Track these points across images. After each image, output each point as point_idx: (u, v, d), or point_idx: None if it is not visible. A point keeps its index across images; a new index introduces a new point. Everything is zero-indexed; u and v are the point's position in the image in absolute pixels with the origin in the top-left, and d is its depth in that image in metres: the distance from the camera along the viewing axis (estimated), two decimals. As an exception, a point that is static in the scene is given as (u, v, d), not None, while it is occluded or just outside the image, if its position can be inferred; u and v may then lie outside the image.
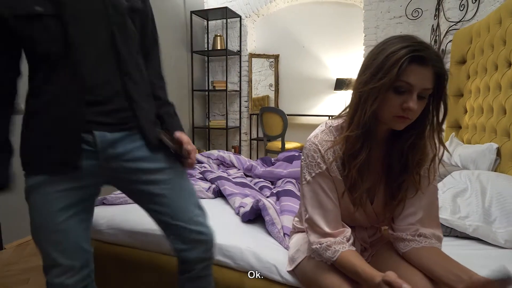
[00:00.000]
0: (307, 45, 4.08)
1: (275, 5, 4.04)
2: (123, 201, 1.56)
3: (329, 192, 0.86)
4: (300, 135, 4.13)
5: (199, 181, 1.81)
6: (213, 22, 4.34)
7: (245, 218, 1.31)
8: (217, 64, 4.40)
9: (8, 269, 1.88)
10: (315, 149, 0.87)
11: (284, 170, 1.85)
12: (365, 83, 0.77)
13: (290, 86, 4.25)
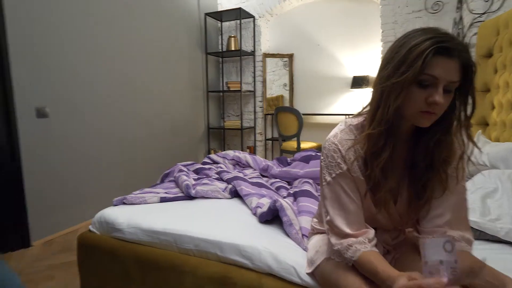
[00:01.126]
0: (322, 43, 4.04)
1: (288, 4, 4.02)
2: (142, 200, 1.60)
3: (350, 193, 0.84)
4: (316, 134, 4.10)
5: (215, 181, 1.82)
6: (227, 23, 4.36)
7: (262, 218, 1.30)
8: (231, 65, 4.42)
9: (35, 265, 1.95)
10: (334, 149, 0.85)
11: (301, 170, 1.83)
12: (387, 77, 0.74)
13: (305, 85, 4.22)
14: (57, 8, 2.30)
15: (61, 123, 2.37)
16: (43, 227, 2.29)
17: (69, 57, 2.41)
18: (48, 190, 2.31)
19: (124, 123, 2.93)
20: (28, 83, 2.15)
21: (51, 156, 2.32)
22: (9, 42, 2.03)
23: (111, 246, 1.41)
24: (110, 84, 2.76)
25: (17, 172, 2.11)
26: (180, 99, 3.69)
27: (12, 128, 2.07)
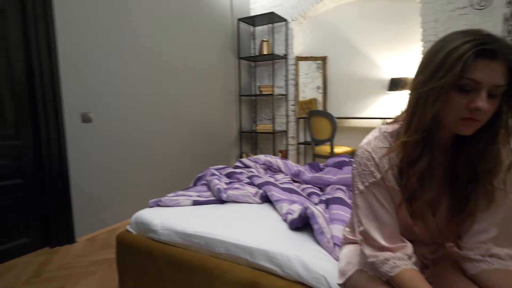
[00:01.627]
0: (357, 45, 3.93)
1: (322, 6, 3.97)
2: (176, 203, 1.65)
3: (385, 203, 0.81)
4: (350, 139, 3.99)
5: (246, 185, 1.83)
6: (259, 28, 4.40)
7: (292, 225, 1.29)
8: (264, 69, 4.45)
9: (79, 260, 2.08)
10: (368, 156, 0.82)
11: (334, 177, 1.79)
12: (423, 83, 0.71)
13: (339, 88, 4.13)
14: (100, 24, 2.45)
15: (103, 128, 2.52)
16: (86, 225, 2.44)
17: (111, 66, 2.56)
18: (91, 190, 2.46)
19: (161, 127, 3.05)
20: (75, 90, 2.31)
21: (94, 158, 2.47)
22: (59, 55, 2.20)
23: (147, 246, 1.47)
24: (148, 90, 2.90)
25: (64, 173, 2.28)
26: (213, 104, 3.77)
27: (61, 132, 2.24)
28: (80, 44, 2.33)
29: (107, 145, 2.56)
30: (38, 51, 2.12)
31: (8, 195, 2.09)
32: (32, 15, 2.09)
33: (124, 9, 2.63)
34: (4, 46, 2.04)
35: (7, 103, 2.07)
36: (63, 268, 1.99)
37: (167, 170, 3.15)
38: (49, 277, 1.88)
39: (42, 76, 2.15)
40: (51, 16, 2.14)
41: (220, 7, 3.77)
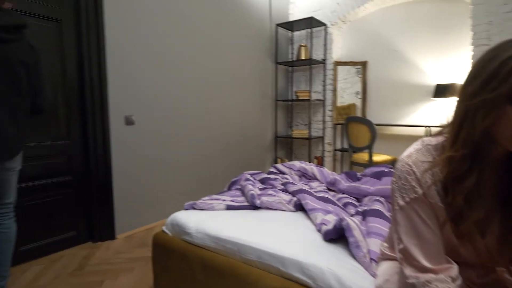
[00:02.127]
0: (400, 49, 3.76)
1: (363, 10, 3.85)
2: (210, 207, 1.67)
3: (427, 221, 0.75)
4: (391, 147, 3.81)
5: (280, 192, 1.81)
6: (297, 33, 4.37)
7: (327, 236, 1.25)
8: (301, 74, 4.40)
9: (118, 257, 2.18)
10: (408, 170, 0.77)
11: (372, 187, 1.71)
12: (473, 94, 0.65)
13: (380, 93, 3.97)
14: (144, 33, 2.59)
15: (144, 130, 2.64)
16: (126, 223, 2.56)
17: (153, 72, 2.68)
18: (131, 190, 2.59)
19: (198, 131, 3.14)
20: (120, 95, 2.45)
21: (135, 159, 2.59)
22: (107, 62, 2.35)
23: (181, 248, 1.50)
24: (187, 95, 2.99)
25: (108, 173, 2.41)
26: (249, 108, 3.80)
27: (106, 134, 2.38)
28: (125, 52, 2.47)
29: (147, 147, 2.68)
30: (89, 58, 2.28)
31: (58, 190, 2.26)
32: (85, 25, 2.25)
33: (166, 18, 2.75)
34: (60, 54, 2.22)
35: (60, 107, 2.25)
36: (103, 263, 2.10)
37: (202, 173, 3.22)
38: (91, 271, 2.00)
39: (92, 81, 2.30)
40: (102, 26, 2.30)
41: (259, 12, 3.81)
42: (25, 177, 2.06)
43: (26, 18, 2.00)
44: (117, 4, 2.38)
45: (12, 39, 1.41)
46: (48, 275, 1.94)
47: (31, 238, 2.13)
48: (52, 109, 2.20)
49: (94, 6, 2.26)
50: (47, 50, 2.15)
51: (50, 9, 2.14)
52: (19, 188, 2.04)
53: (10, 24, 1.39)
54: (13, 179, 1.59)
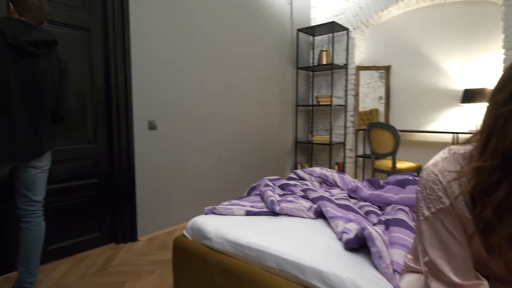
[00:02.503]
0: (425, 53, 3.66)
1: (387, 13, 3.78)
2: (229, 212, 1.68)
3: (454, 233, 0.72)
4: (415, 154, 3.69)
5: (300, 199, 1.79)
6: (319, 37, 4.35)
7: (348, 245, 1.22)
8: (322, 79, 4.37)
9: (140, 259, 2.23)
10: (434, 179, 0.74)
11: (395, 196, 1.66)
12: (504, 102, 0.62)
13: (404, 98, 3.86)
14: (167, 41, 2.66)
15: (166, 135, 2.70)
16: (148, 225, 2.62)
17: (175, 79, 2.74)
18: (153, 193, 2.64)
19: (218, 136, 3.17)
20: (143, 100, 2.53)
21: (157, 163, 2.65)
22: (132, 68, 2.43)
23: (201, 253, 1.51)
24: (207, 100, 3.04)
25: (131, 176, 2.48)
26: (270, 113, 3.80)
27: (130, 138, 2.46)
28: (149, 58, 2.54)
29: (169, 152, 2.73)
30: (115, 65, 2.37)
31: (85, 192, 2.35)
32: (113, 34, 2.34)
33: (188, 26, 2.82)
34: (89, 61, 2.32)
35: (88, 111, 2.34)
36: (126, 264, 2.15)
37: (222, 178, 3.24)
38: (114, 271, 2.05)
39: (118, 87, 2.39)
40: (128, 34, 2.38)
41: (280, 18, 3.82)
42: (54, 179, 2.16)
43: (59, 27, 2.12)
44: (142, 14, 2.46)
45: (41, 54, 1.55)
46: (74, 274, 2.01)
47: (59, 238, 2.22)
48: (80, 114, 2.30)
49: (121, 15, 2.35)
50: (77, 57, 2.25)
51: (81, 20, 2.24)
52: (49, 189, 2.14)
53: (40, 40, 1.53)
54: (41, 178, 1.70)
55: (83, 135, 2.33)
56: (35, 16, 1.56)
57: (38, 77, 1.56)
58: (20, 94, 1.51)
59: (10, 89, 1.47)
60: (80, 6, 2.24)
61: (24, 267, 1.65)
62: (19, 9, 1.53)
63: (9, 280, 1.90)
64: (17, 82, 1.49)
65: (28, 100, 1.54)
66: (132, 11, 2.40)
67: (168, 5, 2.64)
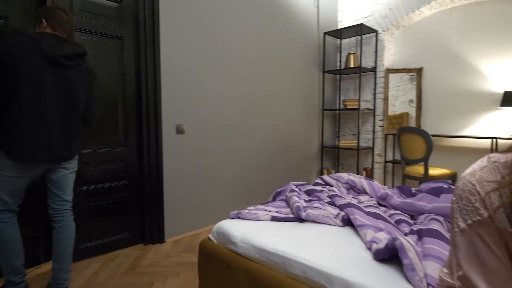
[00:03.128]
0: (460, 54, 3.48)
1: (418, 14, 3.65)
2: (255, 217, 1.67)
3: (493, 247, 0.66)
4: (449, 160, 3.51)
5: (327, 205, 1.75)
6: (346, 40, 4.27)
7: (378, 256, 1.17)
8: (349, 82, 4.28)
9: (166, 260, 2.28)
10: (471, 190, 0.69)
11: (428, 204, 1.58)
12: None
13: (437, 102, 3.69)
14: (195, 47, 2.72)
15: (193, 139, 2.75)
16: (174, 227, 2.67)
17: (202, 84, 2.79)
18: (180, 196, 2.69)
19: (244, 140, 3.19)
20: (172, 105, 2.59)
21: (184, 167, 2.70)
22: (162, 74, 2.51)
23: (226, 257, 1.52)
24: (234, 104, 3.06)
25: (159, 179, 2.54)
26: (295, 117, 3.77)
27: (159, 142, 2.52)
28: (177, 64, 2.61)
29: (196, 155, 2.78)
30: (146, 71, 2.45)
31: (116, 194, 2.43)
32: (144, 41, 2.43)
33: (216, 31, 2.86)
34: (121, 68, 2.41)
35: (119, 116, 2.44)
36: (153, 265, 2.20)
37: (248, 182, 3.25)
38: (142, 272, 2.10)
39: (148, 93, 2.46)
40: (158, 42, 2.46)
41: (306, 22, 3.79)
42: (87, 181, 2.27)
43: (94, 36, 2.22)
44: (171, 23, 2.54)
45: (73, 65, 1.68)
46: (105, 273, 2.09)
47: (91, 237, 2.32)
48: (112, 119, 2.40)
49: (151, 24, 2.44)
50: (110, 64, 2.35)
51: (114, 28, 2.35)
52: (82, 190, 2.25)
53: (72, 52, 1.66)
54: (71, 178, 1.82)
55: (114, 139, 2.42)
56: (65, 29, 1.68)
57: (71, 87, 1.68)
58: (55, 102, 1.63)
59: (46, 97, 1.60)
60: (114, 16, 2.35)
61: (58, 264, 1.75)
62: (51, 24, 1.65)
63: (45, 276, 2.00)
64: (52, 91, 1.62)
65: (61, 107, 1.67)
66: (162, 20, 2.48)
67: (196, 13, 2.70)
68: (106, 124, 2.37)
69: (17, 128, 1.55)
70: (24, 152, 1.57)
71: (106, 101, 2.36)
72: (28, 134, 1.56)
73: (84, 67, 1.75)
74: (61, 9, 1.70)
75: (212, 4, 2.82)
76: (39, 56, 1.56)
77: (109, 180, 2.40)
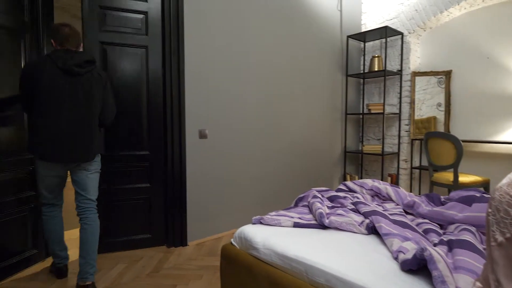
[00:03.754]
0: (493, 56, 3.32)
1: (447, 15, 3.52)
2: (277, 223, 1.66)
3: None
4: (481, 166, 3.35)
5: (351, 212, 1.71)
6: (370, 43, 4.19)
7: (405, 266, 1.13)
8: (373, 86, 4.19)
9: (189, 263, 2.31)
10: (509, 201, 0.66)
11: (459, 214, 1.51)
12: None
13: (467, 105, 3.54)
14: (217, 54, 2.76)
15: (216, 144, 2.78)
16: (197, 231, 2.70)
17: (225, 89, 2.83)
18: (202, 200, 2.73)
19: (266, 145, 3.19)
20: (195, 110, 2.64)
21: (207, 171, 2.74)
22: (186, 81, 2.56)
23: (248, 262, 1.52)
24: (256, 109, 3.08)
25: (182, 182, 2.59)
26: (318, 122, 3.73)
27: (182, 146, 2.57)
28: (200, 71, 2.66)
29: (218, 160, 2.81)
30: (170, 79, 2.51)
31: (140, 195, 2.52)
32: (169, 50, 2.50)
33: (238, 37, 2.90)
34: (146, 76, 2.50)
35: (144, 121, 2.51)
36: (176, 268, 2.23)
37: (269, 187, 3.24)
38: (165, 274, 2.14)
39: (172, 99, 2.53)
40: (183, 50, 2.52)
41: (329, 25, 3.76)
42: (113, 181, 2.38)
43: (124, 47, 2.32)
44: (195, 31, 2.59)
45: (85, 72, 1.87)
46: (130, 274, 2.14)
47: (115, 234, 2.46)
48: (138, 123, 2.49)
49: (176, 33, 2.50)
50: (136, 72, 2.46)
51: (140, 39, 2.45)
52: (109, 189, 2.36)
53: (82, 61, 1.85)
54: (92, 179, 1.97)
55: (140, 142, 2.50)
56: (72, 42, 1.89)
57: (86, 90, 1.86)
58: (73, 107, 1.82)
59: (64, 103, 1.80)
60: (140, 27, 2.46)
61: (84, 259, 1.88)
62: (59, 41, 1.87)
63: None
64: (70, 98, 1.82)
65: (79, 112, 1.84)
66: (186, 29, 2.54)
67: (219, 21, 2.75)
68: (132, 129, 2.46)
69: (41, 131, 1.78)
70: (46, 152, 1.80)
71: (132, 107, 2.45)
72: (48, 136, 1.78)
73: (96, 72, 1.93)
74: (64, 25, 1.89)
75: (235, 11, 2.85)
76: (55, 69, 1.79)
77: (133, 182, 2.50)
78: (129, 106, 2.45)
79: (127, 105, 2.44)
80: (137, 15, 2.44)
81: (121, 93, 2.42)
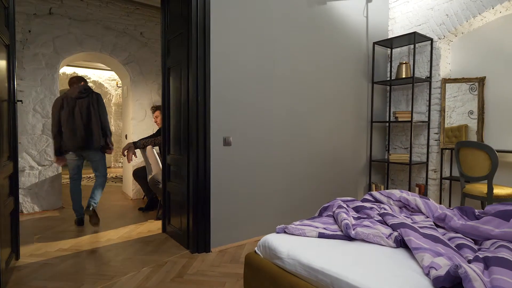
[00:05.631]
0: (530, 62, 3.15)
1: (480, 19, 3.39)
2: (301, 232, 1.64)
3: None
4: (518, 178, 3.16)
5: (378, 224, 1.66)
6: (397, 50, 4.09)
7: (438, 283, 1.08)
8: (401, 93, 4.08)
9: (212, 269, 2.32)
10: None
11: (496, 229, 1.43)
12: None
13: (502, 113, 3.36)
14: (242, 64, 2.79)
15: (240, 151, 2.80)
16: (220, 238, 2.72)
17: (249, 97, 2.85)
18: (225, 206, 2.74)
19: (290, 153, 3.17)
20: (219, 118, 2.67)
21: (230, 178, 2.76)
22: (211, 89, 2.61)
23: (272, 272, 1.51)
24: (281, 116, 3.08)
25: (207, 188, 2.62)
26: (343, 130, 3.67)
27: (207, 153, 2.61)
28: (225, 80, 2.70)
29: (242, 167, 2.82)
30: (196, 87, 2.56)
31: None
32: (195, 60, 2.55)
33: (262, 45, 2.92)
34: (179, 89, 2.58)
35: (171, 127, 2.58)
36: (199, 274, 2.25)
37: (292, 196, 3.21)
38: (189, 279, 2.16)
39: (198, 108, 2.57)
40: (209, 60, 2.57)
41: (355, 32, 3.72)
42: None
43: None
44: (221, 40, 2.64)
45: (85, 96, 3.27)
46: (155, 278, 2.18)
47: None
48: (164, 130, 2.55)
49: (203, 43, 2.56)
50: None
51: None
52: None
53: (82, 89, 3.28)
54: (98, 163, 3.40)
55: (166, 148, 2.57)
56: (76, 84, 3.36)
57: (87, 106, 3.26)
58: (80, 117, 3.23)
59: (75, 117, 3.22)
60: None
61: (91, 198, 3.28)
62: (70, 85, 3.40)
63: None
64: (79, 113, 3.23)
65: (84, 121, 3.24)
66: (212, 38, 2.59)
67: (245, 30, 2.78)
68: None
69: (64, 136, 3.22)
70: (68, 147, 3.23)
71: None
72: (68, 138, 3.21)
73: (92, 96, 3.30)
74: (73, 77, 3.40)
75: (260, 19, 2.89)
76: (69, 99, 3.23)
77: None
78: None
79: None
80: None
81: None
